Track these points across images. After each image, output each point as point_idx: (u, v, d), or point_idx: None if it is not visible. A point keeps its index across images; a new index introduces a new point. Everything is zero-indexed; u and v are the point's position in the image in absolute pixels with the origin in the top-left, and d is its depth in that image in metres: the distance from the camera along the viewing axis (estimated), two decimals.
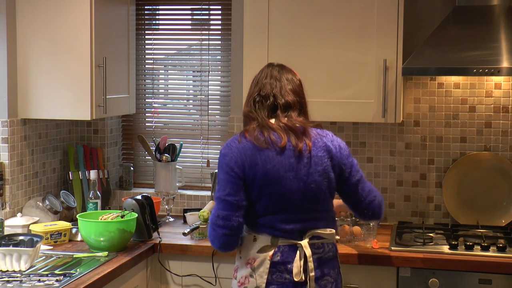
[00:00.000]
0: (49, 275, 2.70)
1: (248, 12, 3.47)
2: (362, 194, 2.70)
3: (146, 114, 4.17)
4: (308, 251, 2.55)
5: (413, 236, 3.35)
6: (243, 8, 3.49)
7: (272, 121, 2.60)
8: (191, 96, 4.14)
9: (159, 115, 4.17)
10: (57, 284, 2.60)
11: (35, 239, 2.91)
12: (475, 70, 3.18)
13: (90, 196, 3.54)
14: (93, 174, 3.58)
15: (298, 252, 2.55)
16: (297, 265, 2.54)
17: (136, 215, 3.24)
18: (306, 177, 2.56)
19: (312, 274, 2.56)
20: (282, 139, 2.55)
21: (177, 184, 3.97)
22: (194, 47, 4.09)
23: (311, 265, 2.55)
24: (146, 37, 4.10)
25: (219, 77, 4.04)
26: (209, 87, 4.05)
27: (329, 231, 2.64)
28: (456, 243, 3.17)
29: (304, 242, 2.56)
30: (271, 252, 2.55)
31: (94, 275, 2.76)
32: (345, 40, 3.39)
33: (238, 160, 2.53)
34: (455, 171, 3.66)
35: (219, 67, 4.03)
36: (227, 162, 2.54)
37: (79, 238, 3.30)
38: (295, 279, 2.54)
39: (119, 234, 3.09)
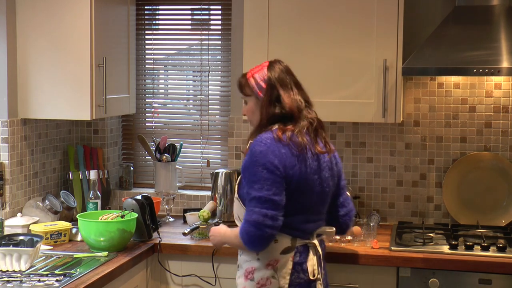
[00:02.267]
0: (49, 275, 2.70)
1: (248, 12, 3.47)
2: (345, 201, 2.79)
3: (146, 114, 4.17)
4: (320, 250, 2.65)
5: (413, 236, 3.35)
6: (243, 8, 3.49)
7: (305, 122, 2.63)
8: (191, 96, 4.13)
9: (159, 115, 4.17)
10: (57, 284, 2.60)
11: (35, 239, 2.91)
12: (475, 70, 3.18)
13: (90, 196, 3.54)
14: (93, 174, 3.59)
15: (310, 251, 2.62)
16: (311, 264, 2.61)
17: (136, 215, 3.24)
18: (325, 180, 2.64)
19: (323, 271, 2.65)
20: (311, 141, 2.61)
21: (177, 184, 3.97)
22: (194, 47, 4.09)
23: (323, 263, 2.67)
24: (146, 37, 4.10)
25: (219, 77, 4.04)
26: (209, 87, 4.05)
27: (330, 228, 2.72)
28: (456, 243, 3.17)
29: (316, 242, 2.65)
30: (292, 253, 2.59)
31: (94, 275, 2.76)
32: (345, 40, 3.39)
33: (281, 159, 2.51)
34: (455, 171, 3.66)
35: (219, 67, 4.03)
36: (271, 160, 2.50)
37: (79, 238, 3.30)
38: (311, 278, 2.60)
39: (119, 234, 3.09)
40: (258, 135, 2.62)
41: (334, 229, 2.72)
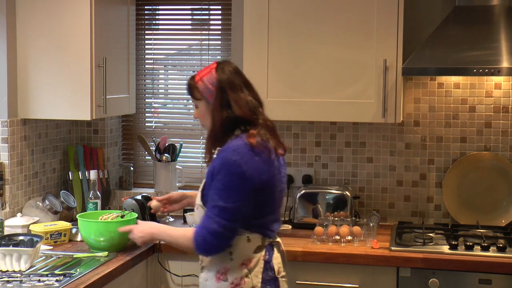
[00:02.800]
0: (49, 275, 2.70)
1: (248, 12, 3.47)
2: None
3: (146, 114, 4.17)
4: (283, 248, 2.69)
5: (413, 236, 3.35)
6: (243, 8, 3.49)
7: (262, 122, 2.62)
8: None
9: (159, 115, 4.17)
10: (57, 284, 2.60)
11: (35, 239, 2.91)
12: (475, 70, 3.18)
13: (90, 196, 3.54)
14: (93, 174, 3.59)
15: (275, 249, 2.64)
16: (277, 262, 2.62)
17: (136, 215, 3.23)
18: (283, 177, 2.69)
19: (285, 271, 2.68)
20: (275, 143, 2.62)
21: (177, 184, 3.97)
22: (194, 47, 4.09)
23: (285, 260, 2.70)
24: (146, 37, 4.10)
25: None
26: None
27: (287, 226, 3.05)
28: (456, 243, 3.17)
29: (279, 239, 2.69)
30: (263, 252, 2.60)
31: (94, 275, 2.76)
32: (345, 41, 3.39)
33: (255, 169, 2.50)
34: (455, 171, 3.66)
35: None
36: (244, 171, 2.47)
37: (79, 238, 3.30)
38: (278, 276, 2.61)
39: (119, 234, 3.09)
40: (217, 141, 2.60)
41: (290, 226, 2.90)
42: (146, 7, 4.08)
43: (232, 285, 2.58)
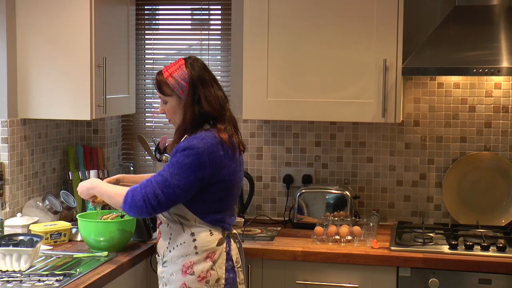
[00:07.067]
0: (49, 275, 2.70)
1: (248, 12, 3.47)
2: None
3: (146, 114, 4.17)
4: (239, 239, 2.83)
5: (413, 236, 3.35)
6: (243, 8, 3.49)
7: (228, 119, 2.74)
8: None
9: (159, 115, 4.16)
10: (57, 284, 2.60)
11: (35, 239, 2.91)
12: (475, 70, 3.18)
13: None
14: (93, 174, 3.59)
15: (232, 241, 2.75)
16: (235, 253, 2.74)
17: None
18: (243, 176, 2.83)
19: (244, 260, 2.86)
20: (237, 139, 2.73)
21: None
22: (194, 47, 4.10)
23: (242, 251, 2.84)
24: (146, 37, 4.10)
25: (219, 77, 4.04)
26: None
27: (240, 219, 3.23)
28: (456, 243, 3.17)
29: (236, 232, 2.82)
30: (224, 244, 2.71)
31: (94, 275, 2.76)
32: (345, 40, 3.39)
33: (219, 163, 2.61)
34: (455, 171, 3.66)
35: (219, 67, 4.03)
36: (202, 160, 2.57)
37: (79, 238, 3.30)
38: (237, 265, 2.74)
39: (119, 234, 3.09)
40: (182, 135, 2.69)
41: (243, 220, 3.19)
42: (146, 7, 4.08)
43: (199, 278, 2.66)
